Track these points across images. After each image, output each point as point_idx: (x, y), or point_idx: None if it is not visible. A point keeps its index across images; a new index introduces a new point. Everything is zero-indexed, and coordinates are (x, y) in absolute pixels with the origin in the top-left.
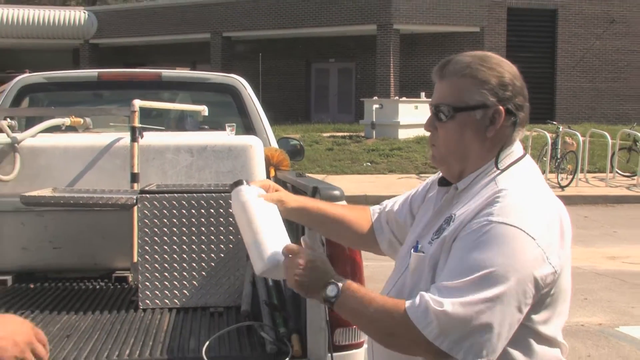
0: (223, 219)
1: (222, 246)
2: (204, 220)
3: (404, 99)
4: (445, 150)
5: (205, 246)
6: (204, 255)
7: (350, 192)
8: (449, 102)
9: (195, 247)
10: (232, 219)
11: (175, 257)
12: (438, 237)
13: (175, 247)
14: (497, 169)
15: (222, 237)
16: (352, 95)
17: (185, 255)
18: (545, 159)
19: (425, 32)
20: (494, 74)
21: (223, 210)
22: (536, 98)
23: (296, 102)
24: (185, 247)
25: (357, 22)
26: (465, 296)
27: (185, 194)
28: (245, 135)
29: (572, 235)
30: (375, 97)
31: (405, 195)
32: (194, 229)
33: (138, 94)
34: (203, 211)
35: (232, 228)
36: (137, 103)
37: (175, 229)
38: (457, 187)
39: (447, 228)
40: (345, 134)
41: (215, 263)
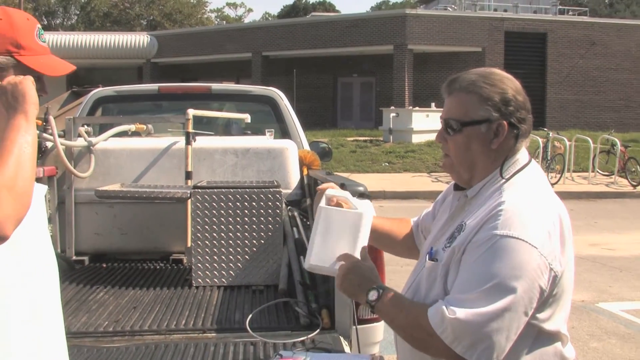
0: (263, 211)
1: (262, 234)
2: (247, 211)
3: (417, 108)
4: (455, 159)
5: (248, 233)
6: (246, 241)
7: (371, 188)
8: (456, 116)
9: (239, 234)
10: (271, 211)
11: (222, 242)
12: (450, 246)
13: (222, 234)
14: (502, 178)
15: (262, 226)
16: (372, 105)
17: (231, 241)
18: (537, 160)
19: (435, 51)
20: (496, 90)
21: (263, 203)
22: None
23: (324, 111)
24: (231, 234)
25: (377, 43)
26: (476, 307)
27: (231, 189)
28: (282, 139)
29: None
30: (392, 107)
31: (435, 201)
32: (238, 219)
33: (191, 104)
34: (246, 204)
35: (270, 218)
36: (191, 112)
37: (223, 219)
38: (467, 194)
39: (457, 237)
40: (366, 139)
41: (256, 248)
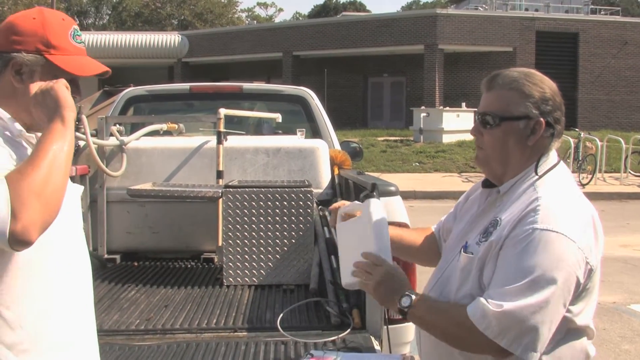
0: (294, 210)
1: (293, 233)
2: (278, 211)
3: (447, 108)
4: (490, 153)
5: (279, 233)
6: (277, 241)
7: (401, 188)
8: (495, 111)
9: (270, 233)
10: (302, 210)
11: (253, 241)
12: (486, 240)
13: (253, 234)
14: (536, 175)
15: (294, 226)
16: (402, 105)
17: (262, 241)
18: (568, 160)
19: (465, 51)
20: (537, 89)
21: (294, 203)
22: None
23: (355, 110)
24: (262, 233)
25: (407, 43)
26: (519, 300)
27: (263, 189)
28: (313, 138)
29: None
30: (423, 107)
31: (457, 202)
32: (269, 218)
33: (222, 104)
34: (277, 203)
35: (301, 218)
36: (222, 111)
37: (254, 218)
38: (499, 190)
39: (494, 232)
40: (396, 138)
41: (287, 247)
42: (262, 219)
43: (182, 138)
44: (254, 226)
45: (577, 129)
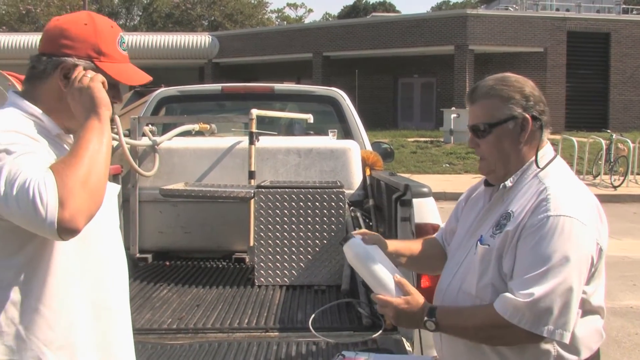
0: (326, 211)
1: (325, 234)
2: (310, 211)
3: None
4: (491, 159)
5: (311, 233)
6: (309, 241)
7: (431, 189)
8: (483, 121)
9: (302, 234)
10: (334, 211)
11: (285, 242)
12: (500, 232)
13: (285, 234)
14: (538, 167)
15: (325, 226)
16: (433, 105)
17: (293, 241)
18: (600, 162)
19: (496, 51)
20: (515, 89)
21: (326, 203)
22: (592, 109)
23: (385, 111)
24: (293, 234)
25: (438, 44)
26: (544, 285)
27: (295, 189)
28: (344, 139)
29: (622, 228)
30: (453, 108)
31: (453, 210)
32: (301, 218)
33: (254, 104)
34: (309, 204)
35: (333, 219)
36: (254, 112)
37: (286, 219)
38: (505, 185)
39: (508, 224)
40: (427, 139)
41: (319, 248)
42: (293, 219)
43: (214, 138)
44: (285, 227)
45: (609, 131)
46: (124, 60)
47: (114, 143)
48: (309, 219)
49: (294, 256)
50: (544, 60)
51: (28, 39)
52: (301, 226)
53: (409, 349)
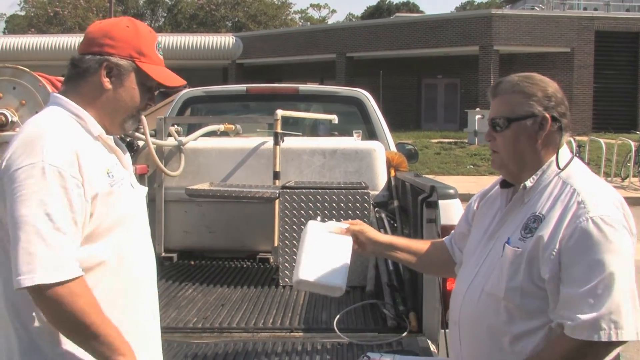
0: (351, 212)
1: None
2: (335, 212)
3: None
4: (505, 155)
5: None
6: None
7: None
8: (504, 115)
9: None
10: (359, 212)
11: None
12: (532, 235)
13: None
14: (559, 168)
15: None
16: (457, 106)
17: None
18: (629, 164)
19: (521, 52)
20: (539, 88)
21: (351, 204)
22: (621, 110)
23: (409, 112)
24: None
25: (462, 44)
26: (611, 292)
27: (319, 190)
28: (369, 140)
29: None
30: (478, 109)
31: (463, 213)
32: (326, 219)
33: (278, 105)
34: (334, 205)
35: (358, 219)
36: (279, 112)
37: (310, 219)
38: (525, 186)
39: (539, 228)
40: (450, 141)
41: None
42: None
43: (239, 139)
44: None
45: (637, 132)
46: (161, 63)
47: (141, 143)
48: (334, 219)
49: None
50: (570, 61)
51: (56, 41)
52: None
53: (434, 351)
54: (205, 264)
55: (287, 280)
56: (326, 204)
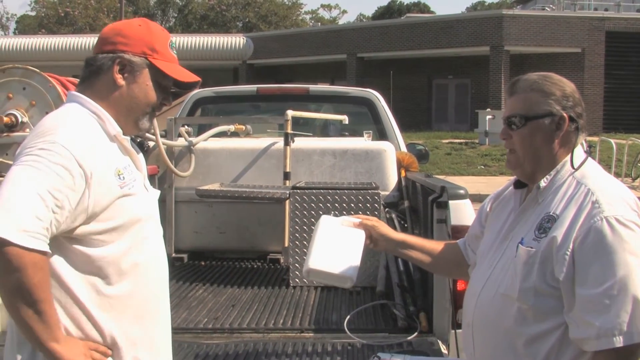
0: (361, 212)
1: None
2: (345, 213)
3: None
4: (521, 153)
5: None
6: None
7: None
8: (521, 113)
9: None
10: (369, 212)
11: None
12: (545, 235)
13: None
14: (573, 168)
15: None
16: (467, 107)
17: None
18: (639, 164)
19: (532, 52)
20: (557, 87)
21: (361, 205)
22: (632, 110)
23: (419, 112)
24: None
25: (472, 44)
26: (628, 290)
27: (329, 190)
28: (379, 140)
29: None
30: (489, 109)
31: (476, 215)
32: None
33: (289, 106)
34: (344, 205)
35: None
36: (290, 113)
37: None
38: (539, 186)
39: (552, 228)
40: (461, 141)
41: None
42: None
43: (250, 139)
44: None
45: None
46: (174, 60)
47: (151, 143)
48: None
49: None
50: (581, 61)
51: (66, 41)
52: None
53: (444, 352)
54: (215, 265)
55: (297, 280)
56: (336, 205)
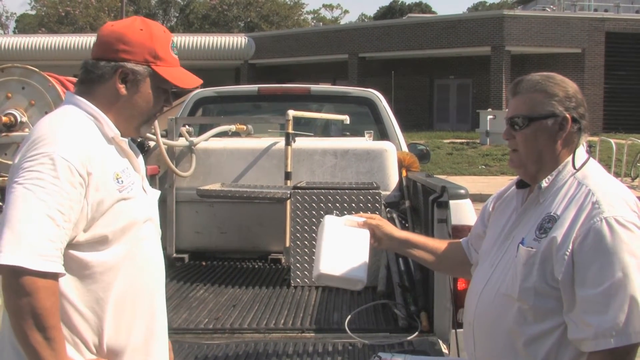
0: (362, 212)
1: None
2: (346, 212)
3: None
4: (524, 153)
5: None
6: None
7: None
8: (524, 113)
9: None
10: (370, 212)
11: None
12: (546, 236)
13: None
14: (574, 169)
15: None
16: (469, 107)
17: None
18: (639, 164)
19: (533, 52)
20: (560, 88)
21: (362, 205)
22: (631, 111)
23: (421, 112)
24: None
25: (474, 45)
26: (627, 289)
27: (331, 190)
28: (380, 140)
29: None
30: (490, 109)
31: (479, 215)
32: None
33: (290, 105)
34: (345, 205)
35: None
36: (291, 113)
37: (322, 220)
38: (540, 186)
39: (553, 228)
40: (463, 141)
41: None
42: None
43: (251, 139)
44: None
45: None
46: (176, 63)
47: (152, 143)
48: None
49: None
50: (581, 61)
51: (67, 41)
52: None
53: (445, 351)
54: (216, 265)
55: (298, 280)
56: (338, 205)
